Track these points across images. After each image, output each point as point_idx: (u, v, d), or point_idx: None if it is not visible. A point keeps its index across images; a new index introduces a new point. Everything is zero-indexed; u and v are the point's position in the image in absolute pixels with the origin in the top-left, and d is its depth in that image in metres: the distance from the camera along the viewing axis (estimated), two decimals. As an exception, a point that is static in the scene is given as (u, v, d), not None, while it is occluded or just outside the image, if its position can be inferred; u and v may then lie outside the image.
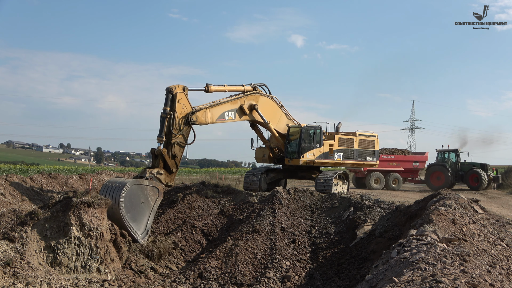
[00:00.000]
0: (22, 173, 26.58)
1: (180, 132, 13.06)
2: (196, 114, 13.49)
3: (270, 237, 11.68)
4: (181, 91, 13.18)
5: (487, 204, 20.39)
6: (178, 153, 13.19)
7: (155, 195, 12.03)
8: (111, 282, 9.61)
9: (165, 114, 12.83)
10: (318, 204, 14.07)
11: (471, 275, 4.90)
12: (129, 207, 11.30)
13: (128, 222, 11.20)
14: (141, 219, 11.60)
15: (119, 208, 11.03)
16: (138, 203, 11.57)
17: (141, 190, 11.71)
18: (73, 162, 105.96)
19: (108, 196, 11.26)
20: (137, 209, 11.54)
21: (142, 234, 11.53)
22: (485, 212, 11.64)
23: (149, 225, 11.82)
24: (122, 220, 11.09)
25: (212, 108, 14.26)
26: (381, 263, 6.90)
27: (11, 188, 14.49)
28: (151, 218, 11.88)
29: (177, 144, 13.10)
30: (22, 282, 8.12)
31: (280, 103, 17.60)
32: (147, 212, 11.76)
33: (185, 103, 13.26)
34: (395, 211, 12.40)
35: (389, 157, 33.08)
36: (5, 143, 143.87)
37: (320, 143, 17.93)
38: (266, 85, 17.04)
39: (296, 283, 9.97)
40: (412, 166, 33.02)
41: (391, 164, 32.72)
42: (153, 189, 12.01)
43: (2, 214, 10.19)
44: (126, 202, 11.20)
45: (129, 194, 11.27)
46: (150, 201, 11.88)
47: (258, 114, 16.18)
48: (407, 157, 33.50)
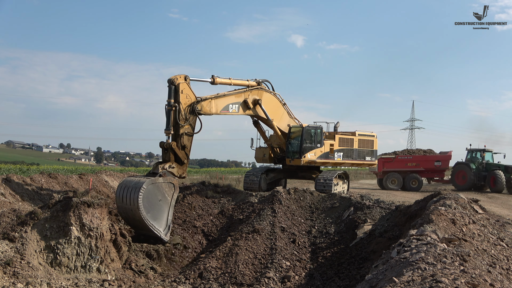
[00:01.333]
0: (22, 173, 26.57)
1: (187, 121, 13.04)
2: (201, 103, 13.49)
3: (270, 237, 11.68)
4: (183, 81, 13.10)
5: (487, 204, 20.38)
6: (187, 144, 13.18)
7: (171, 190, 12.11)
8: (111, 282, 9.61)
9: (170, 107, 12.79)
10: (318, 204, 14.07)
11: (471, 275, 4.89)
12: (148, 207, 11.40)
13: (150, 222, 11.33)
14: (161, 217, 11.73)
15: (139, 210, 11.12)
16: (156, 201, 11.66)
17: (157, 189, 11.76)
18: (73, 162, 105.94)
19: (125, 197, 11.35)
20: (156, 208, 11.64)
21: (164, 231, 11.71)
22: (485, 212, 11.64)
23: (170, 220, 11.95)
24: (143, 221, 11.22)
25: (217, 99, 14.29)
26: (381, 263, 6.90)
27: (11, 188, 14.48)
28: (170, 214, 12.00)
29: (185, 134, 13.09)
30: (22, 282, 8.12)
31: (283, 100, 17.60)
32: (165, 208, 11.87)
33: (189, 92, 13.22)
34: (395, 211, 12.40)
35: (407, 157, 32.17)
36: (5, 143, 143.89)
37: (321, 143, 17.95)
38: (270, 82, 17.09)
39: (296, 283, 9.97)
40: (434, 165, 31.66)
41: (409, 165, 31.67)
42: (169, 184, 12.07)
43: (2, 214, 10.18)
44: (145, 203, 11.28)
45: (146, 194, 11.32)
46: (168, 197, 11.97)
47: (262, 110, 16.21)
48: (427, 157, 32.17)
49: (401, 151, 34.16)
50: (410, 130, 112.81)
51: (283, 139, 17.87)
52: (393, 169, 31.56)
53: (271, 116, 16.78)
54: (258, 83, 16.38)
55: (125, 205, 11.49)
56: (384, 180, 31.72)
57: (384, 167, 31.99)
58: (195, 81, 13.76)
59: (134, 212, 11.25)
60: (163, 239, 11.66)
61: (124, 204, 11.50)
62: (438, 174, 32.27)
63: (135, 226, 11.71)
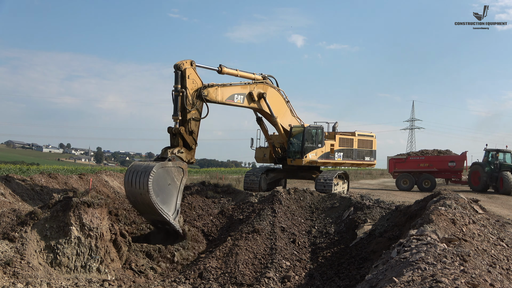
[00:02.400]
0: (22, 173, 26.57)
1: (194, 107, 13.10)
2: (208, 89, 13.55)
3: (270, 237, 11.68)
4: (190, 66, 13.14)
5: (487, 204, 20.38)
6: (195, 129, 13.23)
7: (180, 174, 12.09)
8: (111, 282, 9.61)
9: (177, 92, 12.82)
10: (318, 204, 14.07)
11: (471, 275, 4.89)
12: (158, 191, 11.38)
13: (159, 206, 11.32)
14: (170, 201, 11.74)
15: (149, 194, 11.10)
16: (166, 185, 11.66)
17: (166, 173, 11.75)
18: (73, 162, 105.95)
19: (134, 181, 11.33)
20: (165, 192, 11.64)
21: (173, 215, 11.71)
22: (485, 212, 11.64)
23: (178, 204, 11.96)
24: (152, 205, 11.21)
25: (223, 88, 14.38)
26: (381, 263, 6.89)
27: (11, 188, 14.47)
28: (179, 198, 12.01)
29: (192, 119, 13.14)
30: (22, 282, 8.12)
31: (287, 98, 17.62)
32: (174, 192, 11.88)
33: (195, 77, 13.28)
34: (395, 211, 12.41)
35: (419, 157, 31.54)
36: (5, 143, 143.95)
37: (322, 143, 17.97)
38: (275, 78, 17.13)
39: (296, 283, 9.97)
40: (448, 166, 30.74)
41: (422, 165, 30.93)
42: (178, 169, 12.06)
43: (2, 214, 10.18)
44: (155, 187, 11.27)
45: (156, 178, 11.31)
46: (177, 182, 11.96)
47: (266, 104, 16.24)
48: (441, 157, 31.36)
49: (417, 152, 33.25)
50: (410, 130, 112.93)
51: (285, 137, 17.87)
52: (405, 170, 31.01)
53: (275, 112, 16.79)
54: (263, 77, 16.45)
55: (134, 189, 11.46)
56: (396, 181, 31.27)
57: (396, 167, 31.60)
58: (202, 67, 13.85)
59: (144, 196, 11.21)
60: (172, 223, 11.64)
61: (134, 189, 11.46)
62: (455, 175, 31.40)
63: (143, 210, 11.68)
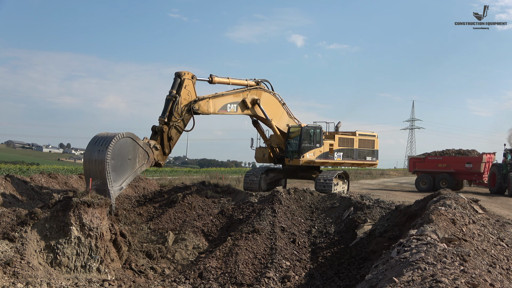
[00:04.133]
0: (22, 173, 26.57)
1: (181, 117, 13.20)
2: (199, 103, 13.67)
3: (270, 237, 11.68)
4: (190, 78, 13.41)
5: (487, 204, 20.38)
6: (174, 137, 13.36)
7: (143, 159, 11.81)
8: (111, 282, 9.61)
9: (171, 97, 13.02)
10: (318, 204, 14.07)
11: (471, 275, 4.89)
12: (116, 155, 10.95)
13: (109, 168, 10.84)
14: (121, 174, 11.25)
15: (106, 151, 10.65)
16: (125, 157, 11.29)
17: (133, 147, 11.50)
18: (73, 162, 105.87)
19: (99, 141, 10.92)
20: (122, 162, 11.21)
21: (115, 188, 11.14)
22: (485, 212, 11.64)
23: (126, 184, 11.44)
24: (104, 163, 10.73)
25: (215, 99, 14.40)
26: (381, 263, 6.90)
27: (11, 188, 14.47)
28: (130, 179, 11.56)
29: (175, 127, 13.25)
30: (22, 282, 8.12)
31: (282, 100, 17.62)
32: (129, 170, 11.45)
33: (191, 90, 13.46)
34: (395, 211, 12.41)
35: (437, 158, 30.75)
36: (5, 143, 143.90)
37: (320, 143, 17.95)
38: (269, 82, 17.11)
39: (296, 283, 9.97)
40: (465, 167, 29.40)
41: (440, 166, 30.12)
42: (144, 153, 11.82)
43: (2, 214, 10.18)
44: (115, 149, 10.89)
45: (121, 143, 11.01)
46: (137, 163, 11.62)
47: (260, 109, 16.24)
48: (458, 158, 30.24)
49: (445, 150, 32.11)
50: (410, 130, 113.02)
51: (282, 139, 17.88)
52: (424, 170, 30.58)
53: (270, 116, 16.81)
54: (257, 82, 16.42)
55: (95, 146, 10.99)
56: (416, 181, 30.77)
57: (416, 167, 31.18)
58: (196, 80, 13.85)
59: (100, 154, 10.68)
60: (109, 191, 10.93)
61: (95, 146, 11.00)
62: (476, 176, 29.97)
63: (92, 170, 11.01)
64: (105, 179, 10.85)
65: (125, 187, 11.48)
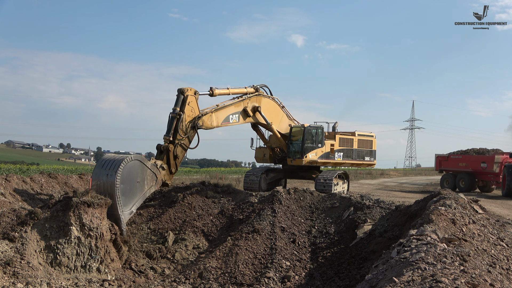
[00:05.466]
0: (22, 173, 26.57)
1: (186, 135, 13.16)
2: (202, 118, 13.64)
3: (270, 237, 11.67)
4: (193, 95, 13.37)
5: (487, 204, 20.37)
6: (180, 155, 13.28)
7: (152, 181, 11.78)
8: (111, 282, 9.61)
9: (175, 114, 12.96)
10: (318, 204, 14.06)
11: (471, 275, 4.89)
12: (125, 179, 10.84)
13: (118, 193, 10.74)
14: (131, 197, 11.13)
15: (115, 176, 10.56)
16: (134, 180, 11.22)
17: (141, 169, 11.47)
18: (73, 162, 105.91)
19: (107, 165, 10.82)
20: (131, 186, 11.11)
21: (126, 212, 11.04)
22: (485, 212, 11.63)
23: (135, 207, 11.36)
24: (114, 188, 10.62)
25: (217, 112, 14.39)
26: (381, 263, 6.89)
27: (11, 188, 14.48)
28: (139, 202, 11.49)
29: (180, 145, 13.19)
30: (22, 282, 8.12)
31: (282, 103, 17.70)
32: (139, 193, 11.38)
33: (194, 106, 13.43)
34: (395, 211, 12.40)
35: (457, 157, 30.25)
36: (5, 143, 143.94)
37: (322, 143, 17.99)
38: (268, 86, 17.16)
39: (296, 283, 9.97)
40: (480, 167, 28.30)
41: (460, 165, 29.46)
42: (153, 175, 11.79)
43: (2, 214, 10.18)
44: (124, 173, 10.79)
45: (129, 166, 10.93)
46: (145, 185, 11.58)
47: (261, 116, 16.32)
48: (474, 157, 29.35)
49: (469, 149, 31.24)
50: (410, 130, 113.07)
51: (283, 141, 17.93)
52: (447, 168, 30.31)
53: (271, 120, 16.91)
54: (256, 89, 16.47)
55: (103, 170, 10.92)
56: (440, 180, 30.36)
57: (441, 165, 30.75)
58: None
59: (109, 177, 10.59)
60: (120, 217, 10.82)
61: (103, 169, 10.94)
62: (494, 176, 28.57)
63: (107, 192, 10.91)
64: (115, 204, 10.76)
65: (135, 211, 11.43)
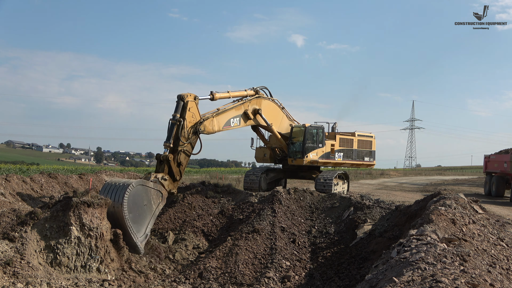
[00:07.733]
0: (22, 173, 26.57)
1: (188, 141, 13.02)
2: (204, 124, 13.50)
3: (270, 237, 11.67)
4: (193, 100, 13.19)
5: (487, 204, 20.38)
6: (183, 162, 13.09)
7: (158, 199, 11.74)
8: (111, 282, 9.61)
9: (175, 121, 12.78)
10: (318, 204, 14.07)
11: (471, 275, 4.89)
12: (132, 207, 10.91)
13: (129, 223, 10.81)
14: (142, 222, 11.23)
15: (122, 207, 10.62)
16: (141, 205, 11.22)
17: (145, 192, 11.40)
18: (73, 162, 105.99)
19: (110, 194, 10.88)
20: (139, 211, 11.18)
21: (141, 238, 11.14)
22: (485, 212, 11.64)
23: (149, 229, 11.45)
24: (123, 219, 10.74)
25: (218, 116, 14.30)
26: (381, 263, 6.89)
27: (11, 188, 14.49)
28: (151, 223, 11.53)
29: (183, 152, 13.01)
30: (22, 282, 8.12)
31: (282, 105, 17.73)
32: (148, 215, 11.42)
33: (195, 112, 13.28)
34: (395, 211, 12.40)
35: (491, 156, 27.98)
36: (5, 143, 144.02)
37: (322, 143, 18.00)
38: (267, 88, 17.17)
39: (296, 283, 9.97)
40: (504, 167, 25.43)
41: (495, 166, 27.07)
42: (157, 193, 11.72)
43: (2, 214, 10.19)
44: (130, 202, 10.82)
45: (133, 193, 10.91)
46: (153, 205, 11.57)
47: (262, 118, 16.31)
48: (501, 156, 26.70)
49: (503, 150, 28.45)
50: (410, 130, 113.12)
51: (283, 142, 17.94)
52: (488, 170, 27.98)
53: (271, 121, 16.90)
54: (256, 91, 16.45)
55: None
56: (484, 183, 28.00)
57: (487, 167, 28.15)
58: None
59: (116, 209, 10.70)
60: (138, 245, 10.98)
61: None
62: None
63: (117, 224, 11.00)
64: (127, 232, 10.83)
65: (149, 233, 11.51)
